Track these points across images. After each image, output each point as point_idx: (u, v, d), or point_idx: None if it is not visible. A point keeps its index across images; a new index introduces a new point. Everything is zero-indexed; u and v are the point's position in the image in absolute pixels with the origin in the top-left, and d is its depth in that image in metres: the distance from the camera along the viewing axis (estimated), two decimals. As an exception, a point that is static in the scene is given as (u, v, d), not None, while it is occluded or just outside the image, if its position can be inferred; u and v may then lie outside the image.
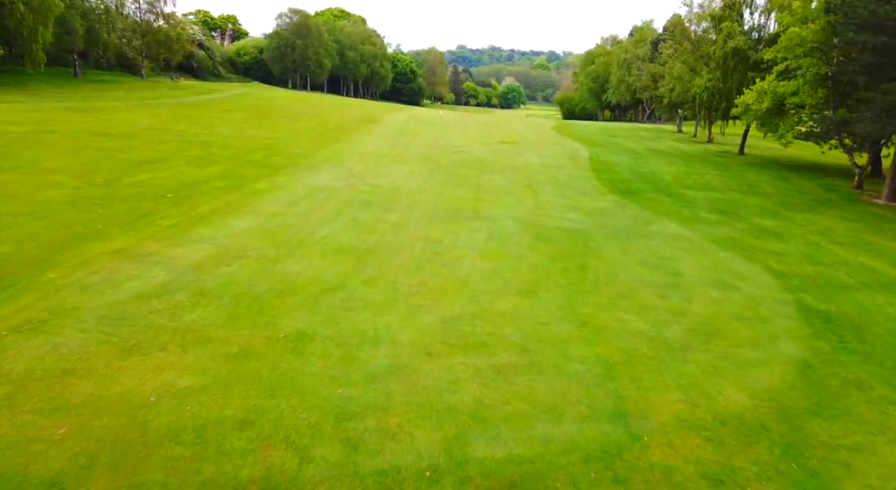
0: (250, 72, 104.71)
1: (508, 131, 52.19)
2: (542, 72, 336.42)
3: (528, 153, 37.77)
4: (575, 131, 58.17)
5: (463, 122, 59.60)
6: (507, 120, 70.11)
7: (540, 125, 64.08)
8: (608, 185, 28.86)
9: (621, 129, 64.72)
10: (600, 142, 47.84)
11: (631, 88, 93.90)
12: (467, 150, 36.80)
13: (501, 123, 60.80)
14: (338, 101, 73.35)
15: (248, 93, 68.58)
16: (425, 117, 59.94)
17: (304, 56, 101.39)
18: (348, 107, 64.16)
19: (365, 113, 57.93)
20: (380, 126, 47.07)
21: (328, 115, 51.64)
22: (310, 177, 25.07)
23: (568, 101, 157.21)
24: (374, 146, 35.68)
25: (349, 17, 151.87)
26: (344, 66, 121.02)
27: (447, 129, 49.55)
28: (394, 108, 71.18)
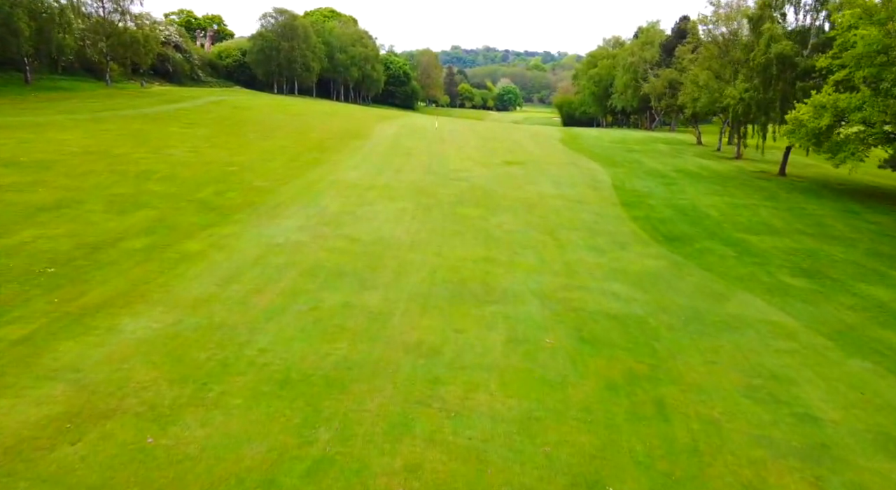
0: (233, 75, 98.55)
1: (512, 146, 46.38)
2: (538, 73, 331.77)
3: (540, 179, 31.92)
4: (585, 144, 52.40)
5: (461, 134, 53.72)
6: (508, 131, 64.25)
7: (545, 137, 58.30)
8: (647, 228, 23.05)
9: (634, 141, 59.03)
10: (618, 160, 42.05)
11: (639, 94, 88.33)
12: (468, 176, 30.94)
13: (503, 136, 54.92)
14: (323, 109, 67.37)
15: (225, 100, 62.49)
16: (419, 128, 54.01)
17: (290, 59, 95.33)
18: (334, 117, 58.16)
19: (352, 125, 51.94)
20: (367, 143, 41.11)
21: (309, 129, 45.63)
22: (268, 225, 19.13)
23: (567, 104, 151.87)
24: (358, 172, 29.74)
25: (340, 17, 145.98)
26: (334, 69, 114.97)
27: (443, 144, 43.65)
28: (385, 117, 65.22)
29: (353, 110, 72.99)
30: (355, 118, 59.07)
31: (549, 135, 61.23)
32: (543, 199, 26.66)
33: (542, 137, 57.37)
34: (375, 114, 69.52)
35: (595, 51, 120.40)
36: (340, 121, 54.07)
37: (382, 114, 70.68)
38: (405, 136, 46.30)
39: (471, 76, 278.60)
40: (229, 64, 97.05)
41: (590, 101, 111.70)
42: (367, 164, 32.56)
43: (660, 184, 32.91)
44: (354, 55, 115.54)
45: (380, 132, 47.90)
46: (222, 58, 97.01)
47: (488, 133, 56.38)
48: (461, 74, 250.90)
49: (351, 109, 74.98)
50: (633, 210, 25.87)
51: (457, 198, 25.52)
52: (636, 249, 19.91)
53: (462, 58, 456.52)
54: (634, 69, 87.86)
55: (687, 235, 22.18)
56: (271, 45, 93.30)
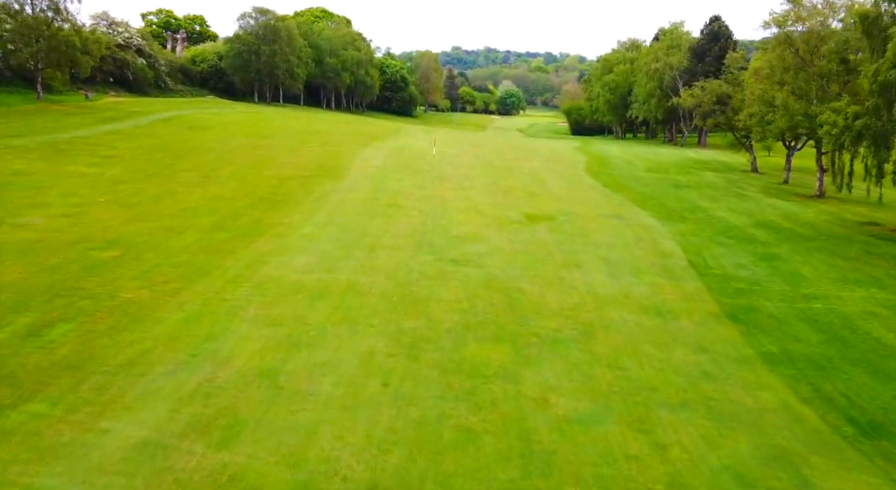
0: (209, 82, 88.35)
1: (531, 184, 36.11)
2: (541, 75, 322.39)
3: (583, 256, 21.49)
4: (618, 175, 42.20)
5: (464, 163, 43.43)
6: (521, 154, 53.88)
7: (567, 162, 48.05)
8: (798, 384, 12.82)
9: (673, 166, 48.85)
10: (673, 206, 31.75)
11: (665, 105, 78.11)
12: (479, 254, 20.59)
13: (516, 165, 44.52)
14: (301, 126, 57.02)
15: (182, 116, 52.28)
16: (412, 156, 43.67)
17: (272, 64, 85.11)
18: (310, 139, 47.80)
19: (328, 153, 41.55)
20: (341, 186, 30.77)
21: (268, 163, 35.32)
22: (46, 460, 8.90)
23: (576, 110, 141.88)
24: (312, 254, 19.38)
25: (332, 17, 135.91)
26: (323, 75, 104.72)
27: (442, 184, 33.31)
28: (373, 137, 54.89)
29: (338, 126, 62.73)
30: (336, 141, 48.77)
31: (570, 159, 50.98)
32: (602, 311, 16.34)
33: (564, 163, 47.13)
34: (363, 132, 59.22)
35: (609, 54, 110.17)
36: (315, 147, 43.74)
37: (372, 131, 60.36)
38: (393, 172, 35.99)
39: (472, 78, 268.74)
40: (204, 70, 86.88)
41: (604, 109, 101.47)
42: (331, 230, 22.25)
43: (753, 257, 22.60)
44: (346, 59, 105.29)
45: (361, 165, 37.60)
46: (196, 63, 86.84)
47: (499, 160, 46.02)
48: (462, 77, 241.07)
49: (336, 124, 64.71)
50: (754, 334, 15.55)
51: (462, 316, 15.23)
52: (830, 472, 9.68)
53: (463, 59, 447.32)
54: (660, 76, 77.68)
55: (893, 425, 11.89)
56: (250, 49, 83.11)
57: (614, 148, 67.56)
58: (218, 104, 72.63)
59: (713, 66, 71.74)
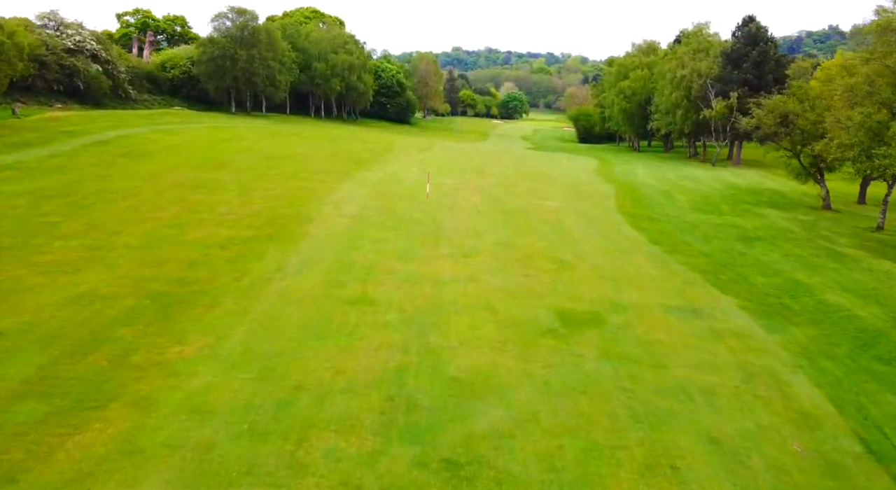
0: (180, 90, 79.18)
1: (556, 242, 26.86)
2: (544, 76, 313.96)
3: (675, 428, 12.35)
4: (663, 218, 33.07)
5: (466, 208, 34.21)
6: (534, 181, 44.58)
7: (592, 198, 38.83)
8: None
9: (719, 198, 39.87)
10: (760, 282, 22.36)
11: (693, 118, 68.97)
12: (492, 449, 11.44)
13: (532, 207, 35.25)
14: (269, 149, 47.56)
15: (123, 138, 43.09)
16: (399, 198, 34.37)
17: (249, 70, 75.90)
18: (274, 172, 38.35)
19: (290, 195, 32.17)
20: (286, 264, 21.18)
21: (201, 216, 25.95)
22: None
23: (584, 117, 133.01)
24: (170, 472, 10.36)
25: (324, 18, 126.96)
26: (310, 81, 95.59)
27: (436, 256, 23.83)
28: (355, 165, 45.63)
29: (318, 146, 53.50)
30: (308, 171, 39.47)
31: (594, 190, 41.73)
32: None
33: (590, 200, 37.88)
34: (346, 155, 49.89)
35: (623, 58, 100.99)
36: (277, 184, 34.44)
37: (356, 154, 50.98)
38: (371, 228, 26.64)
39: (472, 80, 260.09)
40: (175, 76, 77.69)
41: (619, 119, 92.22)
42: (235, 384, 12.95)
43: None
44: (336, 64, 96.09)
45: (331, 215, 28.28)
46: (166, 69, 77.66)
47: (509, 196, 36.57)
48: (462, 79, 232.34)
49: (316, 143, 55.48)
50: None
51: None
52: None
53: (463, 59, 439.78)
54: (688, 85, 68.48)
55: None
56: (225, 54, 73.91)
57: (639, 169, 58.37)
58: (183, 117, 63.48)
59: (752, 74, 62.70)
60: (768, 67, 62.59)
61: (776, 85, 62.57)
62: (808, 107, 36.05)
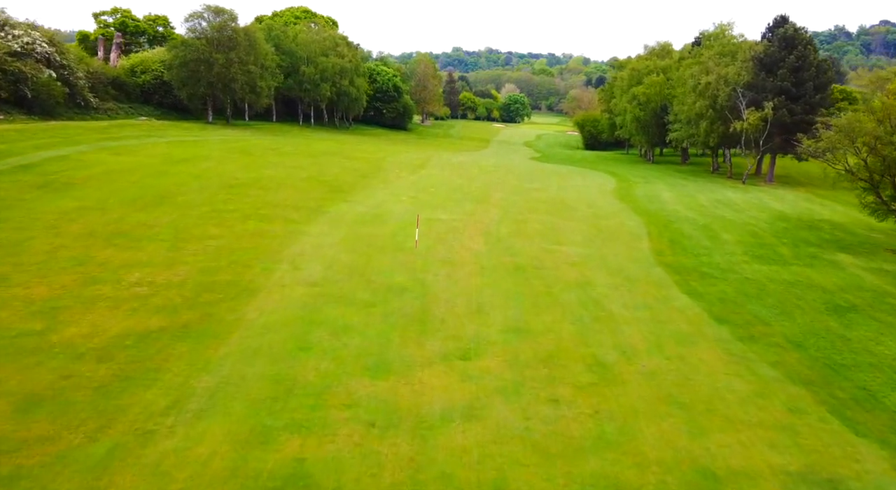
0: (152, 97, 72.01)
1: (588, 327, 19.65)
2: (545, 78, 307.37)
3: None
4: (717, 274, 25.87)
5: (465, 262, 26.96)
6: (548, 215, 37.25)
7: (623, 238, 31.56)
8: None
9: (771, 236, 32.69)
10: None
11: (720, 130, 61.80)
12: None
13: (549, 258, 27.90)
14: (232, 173, 40.05)
15: (55, 159, 35.83)
16: (380, 250, 27.08)
17: (227, 76, 68.62)
18: (228, 208, 30.93)
19: (237, 248, 24.74)
20: (185, 408, 13.95)
21: (90, 301, 18.47)
22: None
23: (591, 123, 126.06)
24: None
25: (315, 18, 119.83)
26: (298, 87, 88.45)
27: (423, 362, 16.65)
28: (332, 194, 38.26)
29: (295, 165, 46.23)
30: (271, 206, 32.15)
31: (620, 227, 34.43)
32: None
33: (619, 243, 30.61)
34: (325, 179, 42.58)
35: (635, 61, 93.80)
36: (225, 230, 27.14)
37: (336, 178, 43.51)
38: (334, 306, 19.23)
39: (473, 82, 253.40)
40: (146, 82, 70.49)
41: (633, 128, 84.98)
42: None
43: None
44: (325, 68, 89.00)
45: (283, 282, 20.90)
46: (136, 74, 70.45)
47: (519, 240, 29.15)
48: (462, 81, 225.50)
49: (293, 162, 48.23)
50: None
51: None
52: None
53: (463, 60, 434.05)
54: (713, 93, 61.25)
55: None
56: (199, 57, 66.66)
57: (663, 190, 51.12)
58: (146, 130, 56.30)
59: (789, 81, 55.52)
60: (808, 74, 55.43)
61: (817, 93, 55.53)
62: (891, 128, 28.84)
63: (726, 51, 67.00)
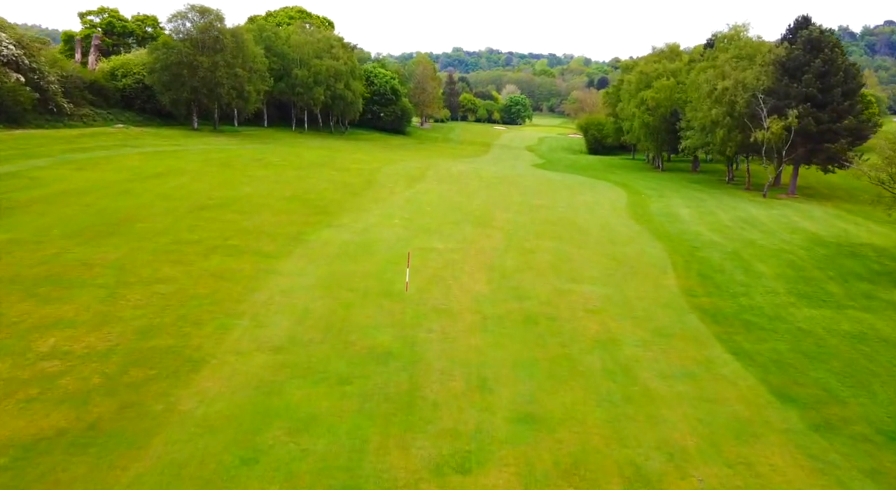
0: (134, 102, 67.97)
1: (620, 405, 15.58)
2: (547, 79, 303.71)
3: None
4: (764, 323, 21.76)
5: (465, 310, 22.83)
6: (559, 242, 33.09)
7: (647, 274, 27.43)
8: None
9: (814, 267, 28.58)
10: None
11: (738, 139, 57.76)
12: None
13: (566, 306, 23.67)
14: (206, 191, 35.80)
15: None
16: (365, 296, 23.07)
17: (212, 80, 64.58)
18: (189, 244, 26.59)
19: (195, 294, 20.40)
20: None
21: None
22: None
23: (595, 127, 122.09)
24: None
25: (310, 18, 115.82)
26: (291, 91, 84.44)
27: (410, 457, 12.88)
28: (315, 217, 33.90)
29: (278, 180, 42.14)
30: (250, 227, 28.06)
31: (643, 258, 30.32)
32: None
33: (639, 276, 26.51)
34: (309, 198, 38.44)
35: (644, 64, 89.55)
36: (189, 266, 23.00)
37: (321, 195, 39.24)
38: (297, 386, 14.98)
39: (473, 83, 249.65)
40: (127, 86, 66.43)
41: (641, 134, 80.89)
42: None
43: None
44: (319, 71, 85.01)
45: (234, 355, 16.61)
46: (117, 78, 66.40)
47: (530, 284, 24.95)
48: (463, 82, 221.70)
49: (277, 175, 44.16)
50: None
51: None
52: None
53: (464, 60, 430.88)
54: (730, 99, 57.16)
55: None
56: (182, 60, 62.62)
57: (680, 206, 47.04)
58: (120, 139, 52.28)
59: (814, 87, 51.44)
60: (835, 79, 51.35)
61: (845, 100, 51.47)
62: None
63: (743, 54, 62.94)
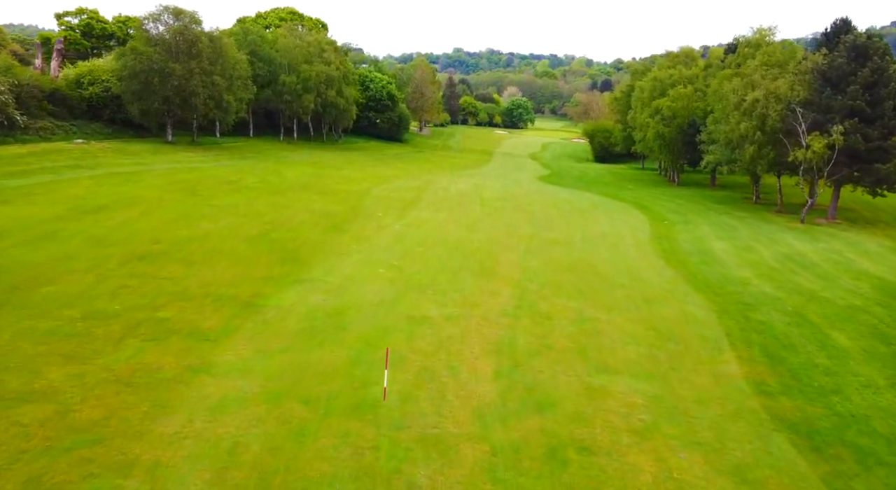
0: (102, 113, 61.89)
1: None
2: (548, 81, 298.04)
3: None
4: (874, 435, 15.64)
5: (466, 406, 16.82)
6: (588, 314, 26.98)
7: (695, 349, 21.42)
8: None
9: (886, 320, 22.41)
10: None
11: (771, 157, 51.72)
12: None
13: (602, 424, 17.77)
14: (153, 235, 29.66)
15: None
16: (334, 388, 17.00)
17: (187, 90, 58.54)
18: (103, 319, 20.74)
19: (82, 428, 14.66)
20: None
21: None
22: None
23: (601, 134, 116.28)
24: None
25: (303, 20, 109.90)
26: (278, 98, 78.40)
27: None
28: (282, 271, 27.97)
29: (248, 214, 36.06)
30: (194, 287, 21.77)
31: (688, 325, 24.19)
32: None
33: (688, 357, 20.40)
34: (283, 233, 32.34)
35: (657, 70, 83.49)
36: (85, 364, 17.01)
37: (297, 235, 33.05)
38: None
39: (474, 84, 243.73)
40: (95, 95, 60.41)
41: (655, 145, 74.80)
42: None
43: None
44: (309, 77, 78.99)
45: None
46: (83, 85, 60.40)
47: (551, 383, 18.55)
48: (463, 84, 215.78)
49: (248, 207, 38.10)
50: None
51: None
52: None
53: (464, 61, 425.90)
54: (762, 112, 51.08)
55: None
56: (153, 67, 56.60)
57: (714, 239, 40.95)
58: (78, 156, 46.26)
59: (862, 100, 45.38)
60: (886, 91, 45.31)
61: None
62: None
63: (772, 60, 56.93)
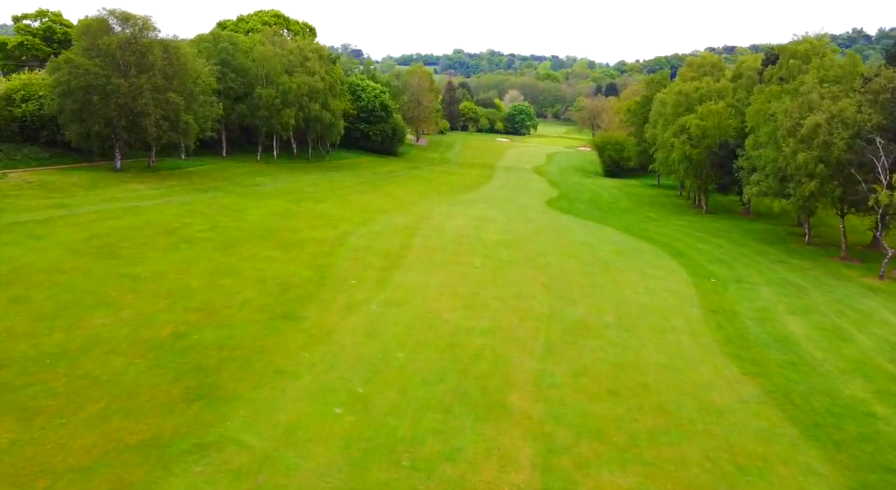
0: (39, 134, 52.77)
1: None
2: (551, 84, 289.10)
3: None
4: None
5: None
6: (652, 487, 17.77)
7: None
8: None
9: None
10: None
11: (837, 193, 42.65)
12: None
13: None
14: (28, 351, 20.98)
15: None
16: None
17: (135, 109, 49.25)
18: None
19: None
20: None
21: None
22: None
23: (612, 147, 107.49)
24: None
25: (288, 24, 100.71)
26: (253, 114, 69.21)
27: None
28: (201, 411, 18.92)
29: (180, 288, 26.73)
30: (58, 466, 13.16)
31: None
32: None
33: None
34: (205, 339, 23.11)
35: (680, 82, 74.30)
36: None
37: (228, 339, 23.72)
38: None
39: (474, 88, 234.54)
40: (30, 112, 51.30)
41: (681, 169, 65.56)
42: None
43: None
44: (288, 89, 69.79)
45: None
46: (15, 102, 51.27)
47: None
48: (463, 88, 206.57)
49: (181, 277, 28.83)
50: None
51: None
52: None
53: (465, 62, 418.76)
54: (825, 140, 41.93)
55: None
56: (91, 83, 47.41)
57: (786, 316, 31.74)
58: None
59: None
60: None
61: None
62: None
63: (829, 75, 47.92)
